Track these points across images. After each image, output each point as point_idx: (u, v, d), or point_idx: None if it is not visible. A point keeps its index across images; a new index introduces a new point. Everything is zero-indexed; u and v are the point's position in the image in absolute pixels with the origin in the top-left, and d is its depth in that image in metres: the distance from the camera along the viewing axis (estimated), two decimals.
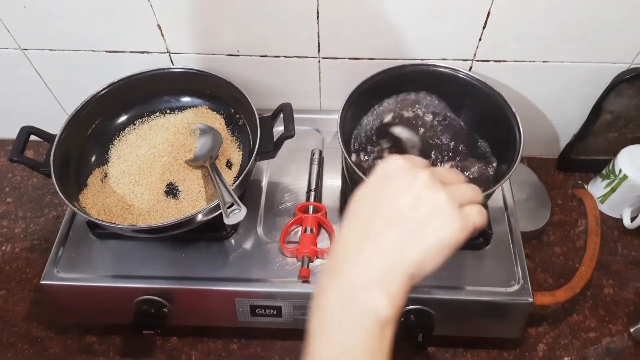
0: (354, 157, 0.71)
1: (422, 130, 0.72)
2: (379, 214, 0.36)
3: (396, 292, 0.34)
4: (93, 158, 0.73)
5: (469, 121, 0.73)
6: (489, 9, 0.67)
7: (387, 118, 0.74)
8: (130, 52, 0.77)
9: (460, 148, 0.71)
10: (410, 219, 0.35)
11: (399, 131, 0.72)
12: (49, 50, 0.77)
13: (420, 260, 0.35)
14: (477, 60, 0.74)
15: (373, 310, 0.34)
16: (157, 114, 0.77)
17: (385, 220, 0.36)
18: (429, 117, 0.73)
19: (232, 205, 0.59)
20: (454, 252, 0.35)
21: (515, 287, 0.64)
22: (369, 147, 0.72)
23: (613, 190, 0.80)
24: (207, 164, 0.67)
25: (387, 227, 0.35)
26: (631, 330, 0.73)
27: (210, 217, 0.62)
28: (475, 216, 0.36)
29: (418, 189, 0.36)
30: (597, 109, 0.77)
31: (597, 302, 0.75)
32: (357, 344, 0.34)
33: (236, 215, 0.58)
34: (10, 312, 0.76)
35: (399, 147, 0.71)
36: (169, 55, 0.77)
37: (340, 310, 0.35)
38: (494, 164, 0.70)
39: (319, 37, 0.73)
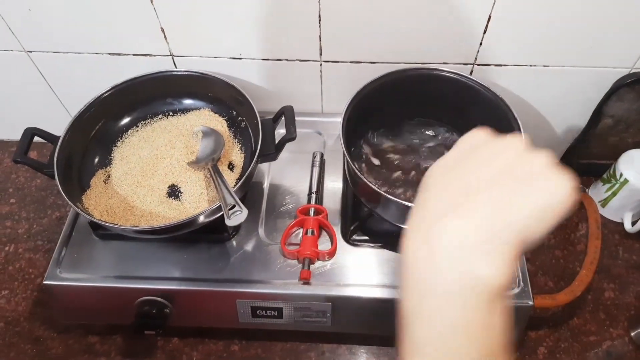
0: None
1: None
2: (473, 176, 0.31)
3: (504, 258, 0.28)
4: (96, 159, 0.73)
5: (469, 125, 0.73)
6: (490, 13, 0.67)
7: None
8: (134, 54, 0.77)
9: None
10: (514, 176, 0.30)
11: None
12: (53, 52, 0.78)
13: (528, 221, 0.29)
14: (478, 65, 0.75)
15: (478, 280, 0.28)
16: (160, 116, 0.78)
17: (483, 180, 0.30)
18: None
19: (233, 207, 0.59)
20: (559, 222, 0.29)
21: (516, 290, 0.64)
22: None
23: (614, 194, 0.80)
24: (209, 166, 0.68)
25: (487, 186, 0.30)
26: (632, 334, 0.73)
27: (212, 218, 0.63)
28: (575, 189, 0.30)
29: (514, 152, 0.31)
30: (598, 113, 0.77)
31: (597, 306, 0.75)
32: (462, 322, 0.28)
33: (238, 217, 0.59)
34: (12, 312, 0.76)
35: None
36: (172, 58, 0.78)
37: (437, 284, 0.29)
38: None
39: (320, 40, 0.73)
